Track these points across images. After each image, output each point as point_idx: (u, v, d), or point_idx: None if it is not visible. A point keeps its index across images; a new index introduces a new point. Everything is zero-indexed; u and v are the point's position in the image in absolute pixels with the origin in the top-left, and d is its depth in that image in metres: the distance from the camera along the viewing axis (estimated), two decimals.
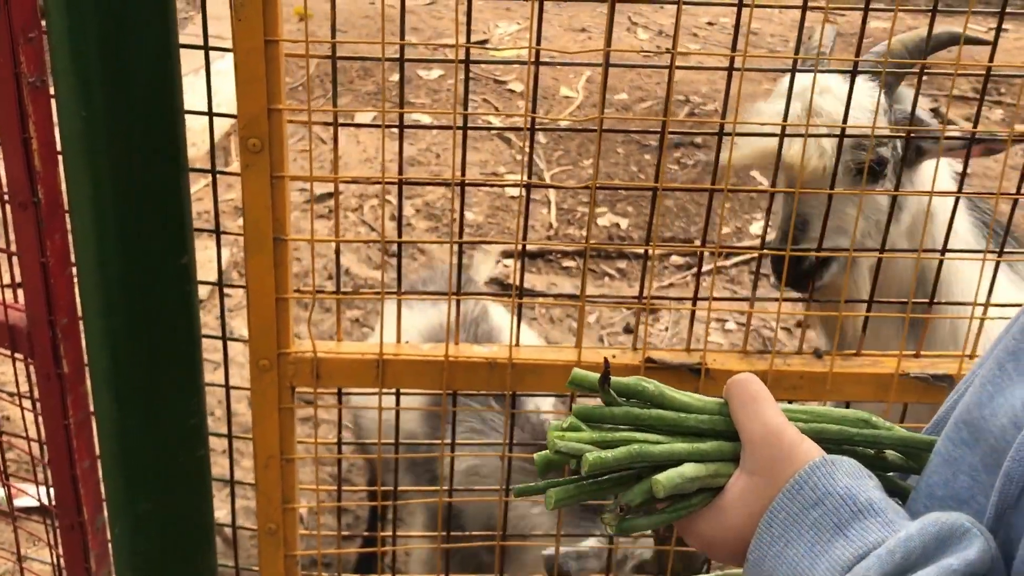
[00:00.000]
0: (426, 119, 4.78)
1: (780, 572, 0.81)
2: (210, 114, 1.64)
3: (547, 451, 0.87)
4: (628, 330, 3.81)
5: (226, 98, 1.57)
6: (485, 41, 5.88)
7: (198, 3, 1.56)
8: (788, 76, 1.70)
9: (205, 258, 2.39)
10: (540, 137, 4.96)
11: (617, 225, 4.40)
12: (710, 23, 6.26)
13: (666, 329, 3.85)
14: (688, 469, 0.84)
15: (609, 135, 4.71)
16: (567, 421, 0.86)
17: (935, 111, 5.40)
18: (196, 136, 3.35)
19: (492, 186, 4.39)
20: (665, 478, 0.83)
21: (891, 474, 0.90)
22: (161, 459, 1.71)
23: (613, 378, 0.88)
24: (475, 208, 4.52)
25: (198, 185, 4.08)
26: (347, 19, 5.73)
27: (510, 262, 4.16)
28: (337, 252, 1.70)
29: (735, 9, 1.57)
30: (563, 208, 4.49)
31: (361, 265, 3.84)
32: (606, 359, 0.90)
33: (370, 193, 4.37)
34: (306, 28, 1.50)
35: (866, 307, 1.82)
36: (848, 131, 1.74)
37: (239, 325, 3.38)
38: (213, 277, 1.79)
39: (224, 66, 1.59)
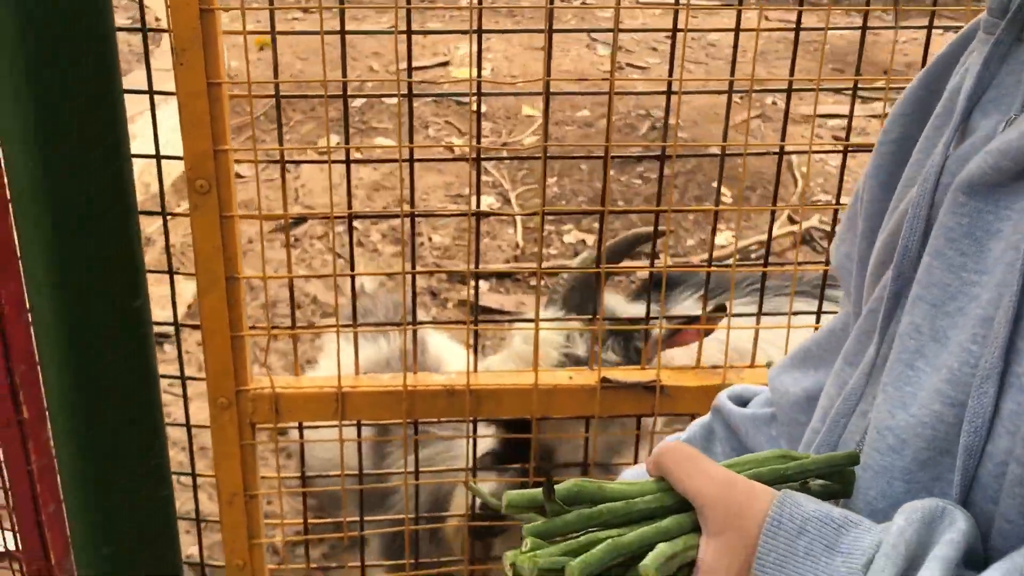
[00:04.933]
0: (388, 143, 4.81)
1: None
2: (157, 157, 1.66)
3: None
4: None
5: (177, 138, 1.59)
6: (447, 63, 5.92)
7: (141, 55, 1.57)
8: None
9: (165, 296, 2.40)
10: (504, 153, 4.99)
11: (583, 242, 4.43)
12: (668, 36, 6.32)
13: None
14: (663, 548, 0.82)
15: (571, 152, 4.75)
16: (526, 544, 0.83)
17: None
18: (151, 177, 3.35)
19: (443, 216, 4.42)
20: (652, 561, 0.81)
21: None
22: (125, 501, 1.72)
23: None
24: (441, 231, 4.55)
25: (153, 225, 4.07)
26: (310, 46, 5.76)
27: (481, 283, 4.18)
28: (291, 287, 1.72)
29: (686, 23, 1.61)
30: (529, 227, 4.52)
31: (328, 292, 3.86)
32: (547, 472, 0.87)
33: (337, 220, 4.39)
34: (248, 69, 1.53)
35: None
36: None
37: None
38: (182, 312, 1.80)
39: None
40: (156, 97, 1.62)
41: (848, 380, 0.97)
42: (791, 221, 4.52)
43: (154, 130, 1.64)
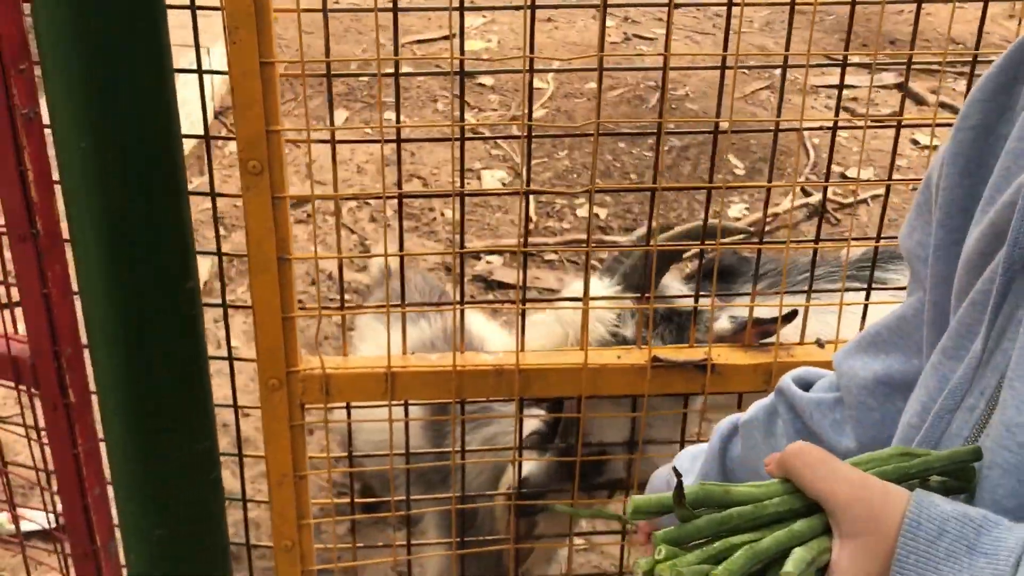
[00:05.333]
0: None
1: None
2: (207, 137, 1.64)
3: None
4: None
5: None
6: (452, 35, 5.86)
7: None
8: None
9: None
10: (514, 130, 4.97)
11: (596, 215, 4.42)
12: (677, 4, 6.28)
13: None
14: (802, 553, 0.81)
15: (585, 127, 4.72)
16: (659, 551, 0.82)
17: (900, 85, 5.46)
18: None
19: (490, 194, 4.39)
20: (794, 567, 0.80)
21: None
22: (175, 484, 1.71)
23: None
24: (451, 205, 4.52)
25: None
26: (313, 19, 5.70)
27: (492, 259, 4.17)
28: (340, 268, 1.71)
29: None
30: (542, 201, 4.50)
31: (346, 270, 3.84)
32: (678, 474, 0.86)
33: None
34: (300, 47, 1.50)
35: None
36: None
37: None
38: None
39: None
40: None
41: (948, 374, 0.96)
42: (804, 194, 4.51)
43: (203, 108, 1.62)
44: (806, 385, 1.27)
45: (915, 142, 4.99)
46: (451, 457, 1.80)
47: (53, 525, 1.93)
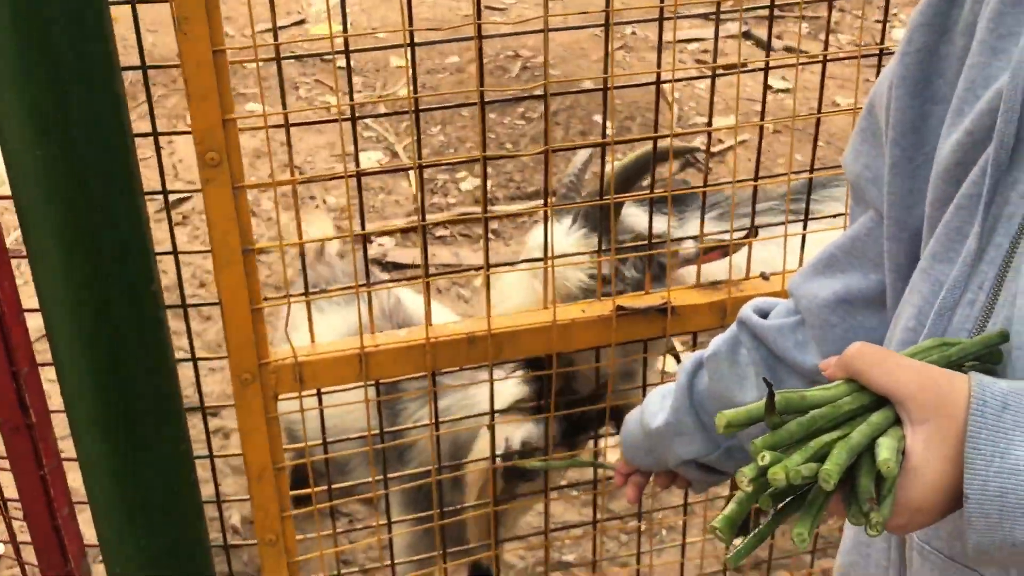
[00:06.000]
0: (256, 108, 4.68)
1: (1010, 485, 0.84)
2: (155, 134, 1.60)
3: (732, 511, 0.89)
4: None
5: None
6: (303, 21, 5.78)
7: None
8: None
9: None
10: (382, 108, 4.94)
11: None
12: None
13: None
14: (889, 442, 0.87)
15: (452, 99, 4.74)
16: (764, 457, 0.87)
17: (746, 34, 5.68)
18: None
19: (448, 164, 4.35)
20: (891, 454, 0.86)
21: None
22: (157, 491, 1.67)
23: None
24: (334, 192, 4.48)
25: None
26: (157, 18, 5.51)
27: (384, 240, 4.16)
28: (302, 254, 1.70)
29: None
30: (424, 178, 4.50)
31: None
32: (770, 385, 0.91)
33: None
34: (253, 32, 1.48)
35: None
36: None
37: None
38: None
39: None
40: None
41: (941, 276, 1.03)
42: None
43: (149, 103, 1.58)
44: (763, 314, 1.35)
45: (768, 87, 5.21)
46: (429, 430, 1.82)
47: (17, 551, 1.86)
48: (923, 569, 1.04)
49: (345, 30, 1.58)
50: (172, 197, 3.07)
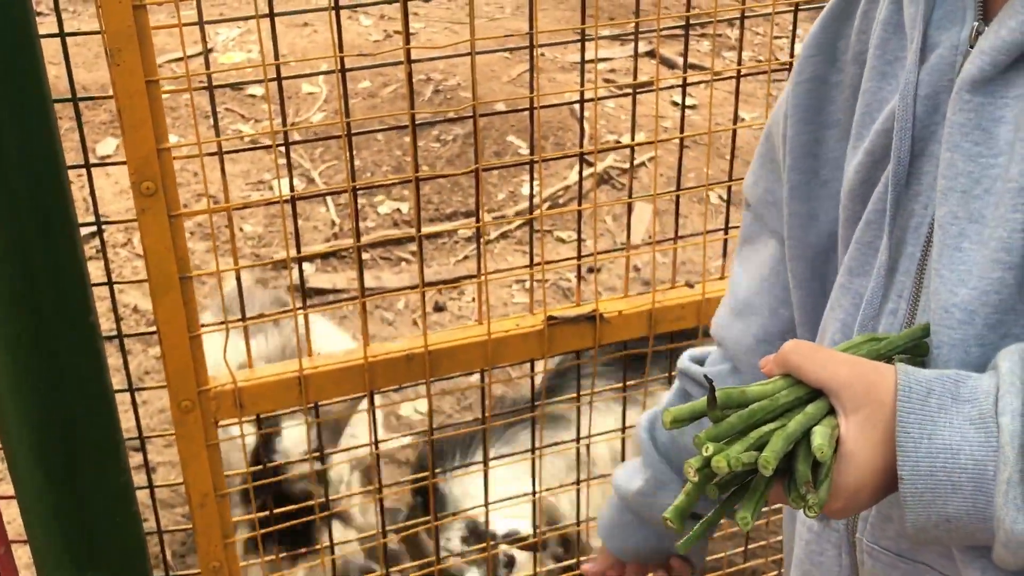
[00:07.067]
0: (175, 139, 4.64)
1: (939, 464, 0.90)
2: (87, 165, 1.60)
3: (681, 501, 0.94)
4: (438, 308, 3.92)
5: None
6: (211, 50, 5.74)
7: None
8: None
9: None
10: (296, 135, 4.94)
11: (399, 210, 4.48)
12: (424, 1, 6.40)
13: (472, 299, 3.99)
14: (824, 430, 0.93)
15: (365, 124, 4.76)
16: (707, 448, 0.92)
17: (651, 53, 5.82)
18: None
19: (381, 185, 4.37)
20: (825, 440, 0.91)
21: None
22: (100, 524, 1.66)
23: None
24: (251, 220, 4.47)
25: None
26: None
27: (305, 267, 4.16)
28: (238, 279, 1.71)
29: None
30: (340, 204, 4.51)
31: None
32: (710, 381, 0.97)
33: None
34: (186, 63, 1.50)
35: None
36: None
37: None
38: None
39: None
40: None
41: (860, 290, 1.10)
42: (588, 164, 4.75)
43: (80, 133, 1.59)
44: (699, 362, 1.41)
45: (675, 103, 5.34)
46: (371, 448, 1.84)
47: None
48: (875, 570, 1.10)
49: (277, 57, 1.60)
50: (84, 231, 3.04)
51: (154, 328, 1.62)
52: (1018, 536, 0.89)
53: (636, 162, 4.99)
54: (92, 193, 1.62)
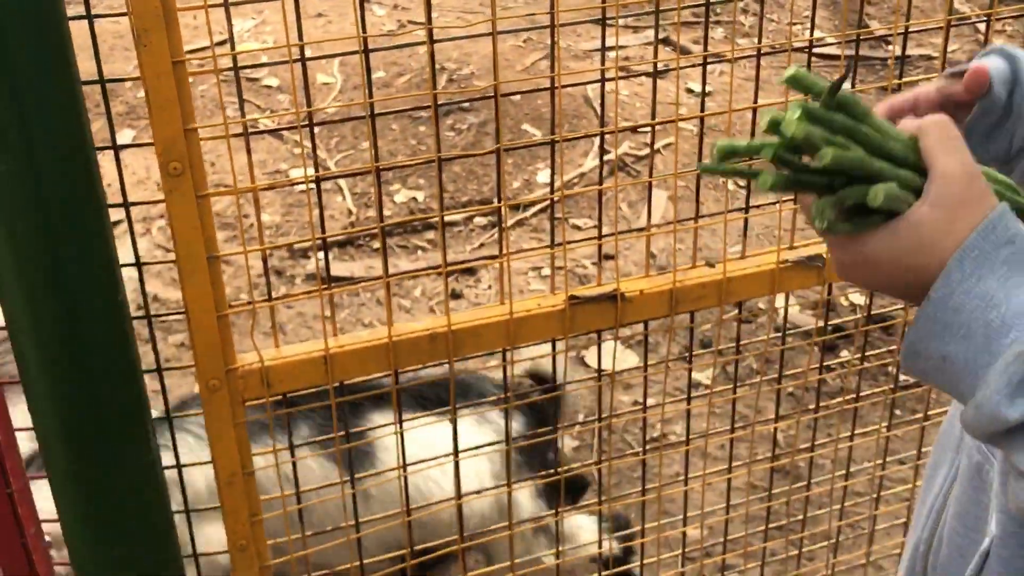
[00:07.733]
0: None
1: (969, 307, 0.87)
2: (115, 147, 1.62)
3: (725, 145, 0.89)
4: (455, 295, 3.93)
5: None
6: (224, 42, 5.76)
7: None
8: None
9: None
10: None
11: (414, 199, 4.50)
12: None
13: (489, 287, 4.01)
14: (894, 188, 0.88)
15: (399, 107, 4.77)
16: (796, 111, 0.86)
17: (665, 40, 5.81)
18: None
19: (404, 166, 4.36)
20: (885, 188, 0.87)
21: None
22: (128, 503, 1.68)
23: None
24: (268, 209, 4.49)
25: None
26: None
27: (322, 255, 4.18)
28: (265, 260, 1.73)
29: None
30: (356, 193, 4.53)
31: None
32: (844, 76, 0.92)
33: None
34: (212, 46, 1.52)
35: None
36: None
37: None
38: None
39: None
40: None
41: None
42: (605, 151, 4.76)
43: (107, 114, 1.60)
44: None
45: (689, 90, 5.34)
46: (396, 427, 1.86)
47: None
48: None
49: (301, 37, 1.62)
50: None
51: (177, 313, 1.63)
52: (992, 407, 0.87)
53: (654, 147, 5.00)
54: (119, 174, 1.64)
